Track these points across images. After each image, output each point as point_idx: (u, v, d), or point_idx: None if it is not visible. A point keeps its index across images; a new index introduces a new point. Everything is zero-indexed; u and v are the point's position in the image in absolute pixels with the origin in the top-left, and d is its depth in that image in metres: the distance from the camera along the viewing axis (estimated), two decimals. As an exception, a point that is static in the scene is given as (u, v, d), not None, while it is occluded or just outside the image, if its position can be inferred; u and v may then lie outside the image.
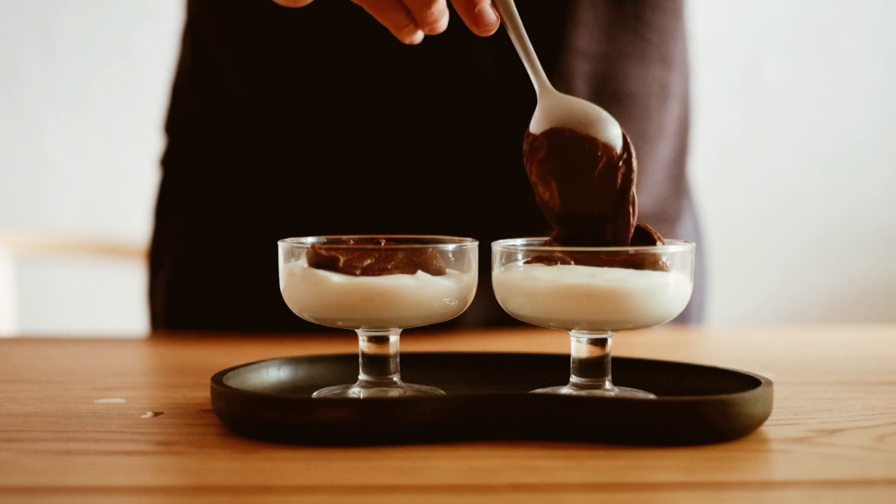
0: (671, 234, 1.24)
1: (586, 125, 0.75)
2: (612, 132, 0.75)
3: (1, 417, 0.74)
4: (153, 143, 1.33)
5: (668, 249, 0.73)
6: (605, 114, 0.75)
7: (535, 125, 0.77)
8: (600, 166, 0.75)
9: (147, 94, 2.40)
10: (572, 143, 0.75)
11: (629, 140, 0.75)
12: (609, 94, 1.15)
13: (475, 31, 0.78)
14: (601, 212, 0.75)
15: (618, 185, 0.75)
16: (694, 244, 0.75)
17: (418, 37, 0.82)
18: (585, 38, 1.13)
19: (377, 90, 1.15)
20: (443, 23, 0.80)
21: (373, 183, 1.16)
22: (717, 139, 2.61)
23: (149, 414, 0.75)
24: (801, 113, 2.64)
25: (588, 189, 0.75)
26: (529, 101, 1.17)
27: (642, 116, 1.18)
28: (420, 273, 0.74)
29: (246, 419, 0.69)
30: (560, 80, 1.13)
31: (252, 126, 1.19)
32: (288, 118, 1.17)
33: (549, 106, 0.77)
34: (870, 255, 2.67)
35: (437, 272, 0.75)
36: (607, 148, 0.75)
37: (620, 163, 0.75)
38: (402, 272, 0.74)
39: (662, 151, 1.21)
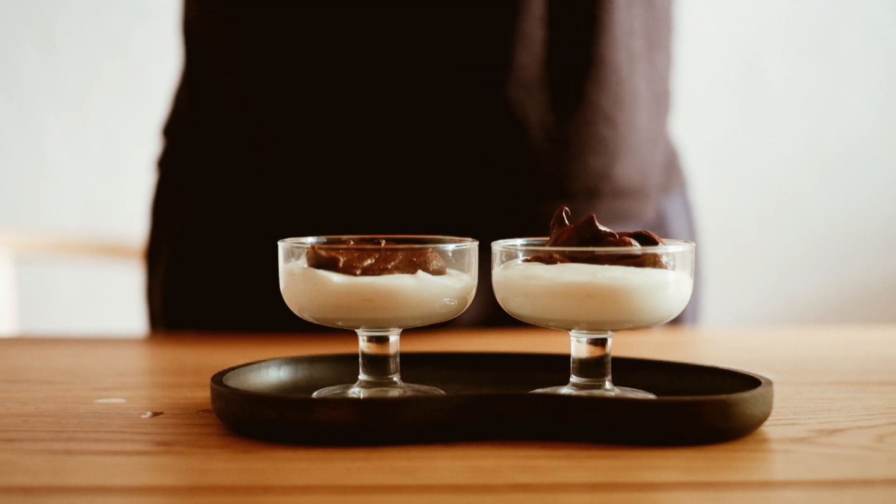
0: (648, 210, 1.23)
1: None
2: None
3: (1, 417, 0.74)
4: (153, 143, 1.33)
5: (668, 248, 0.73)
6: None
7: None
8: None
9: (147, 94, 2.40)
10: None
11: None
12: (576, 61, 1.15)
13: None
14: None
15: None
16: (694, 244, 0.75)
17: None
18: (541, 4, 1.12)
19: (372, 89, 1.15)
20: None
21: (371, 182, 1.16)
22: (716, 138, 2.60)
23: (148, 414, 0.75)
24: (800, 112, 2.64)
25: None
26: (528, 100, 1.17)
27: (615, 82, 1.16)
28: (420, 273, 0.74)
29: (246, 419, 0.69)
30: (519, 46, 1.12)
31: (250, 128, 1.19)
32: (284, 120, 1.17)
33: None
34: (870, 255, 2.67)
35: (437, 272, 0.75)
36: None
37: None
38: (402, 272, 0.74)
39: (642, 121, 1.20)
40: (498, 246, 0.76)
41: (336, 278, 0.73)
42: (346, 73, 1.14)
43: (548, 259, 0.74)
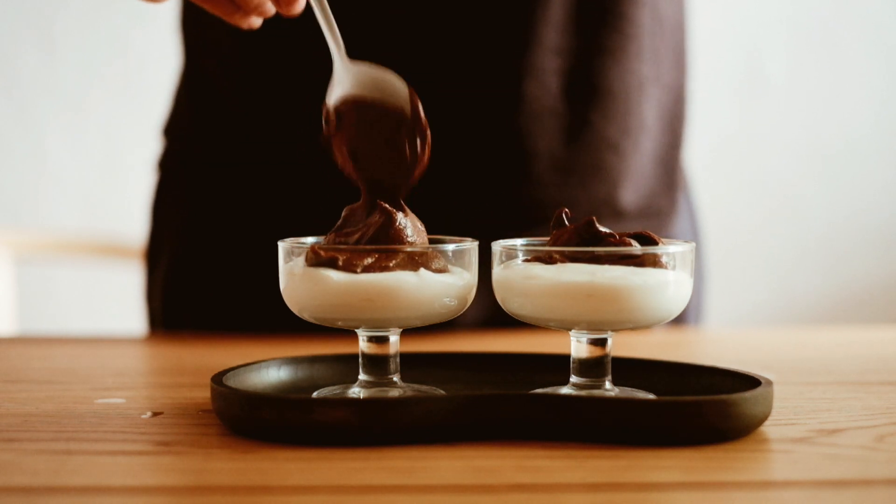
0: (664, 230, 1.23)
1: (376, 90, 0.74)
2: (401, 94, 0.74)
3: (1, 417, 0.74)
4: (153, 143, 1.33)
5: (668, 248, 0.73)
6: (392, 76, 0.75)
7: (329, 97, 0.77)
8: (391, 129, 0.74)
9: (147, 94, 2.39)
10: (362, 109, 0.75)
11: (416, 98, 0.74)
12: (585, 91, 1.15)
13: (282, 11, 0.80)
14: (398, 174, 0.75)
15: (412, 145, 0.74)
16: (694, 244, 0.75)
17: (255, 21, 0.85)
18: (555, 34, 1.13)
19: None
20: (268, 7, 0.81)
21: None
22: (716, 136, 2.60)
23: (148, 414, 0.75)
24: (800, 110, 2.64)
25: (382, 152, 0.75)
26: (537, 130, 1.17)
27: (623, 112, 1.17)
28: (422, 271, 0.74)
29: (246, 419, 0.69)
30: (531, 77, 1.12)
31: (249, 128, 1.19)
32: (282, 121, 1.17)
33: (340, 75, 0.77)
34: (870, 255, 2.67)
35: (438, 272, 0.75)
36: (395, 110, 0.74)
37: (411, 124, 0.74)
38: (404, 269, 0.74)
39: (647, 145, 1.20)
40: (498, 246, 0.76)
41: (336, 276, 0.73)
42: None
43: (548, 259, 0.74)
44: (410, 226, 0.76)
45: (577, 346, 0.75)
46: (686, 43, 1.26)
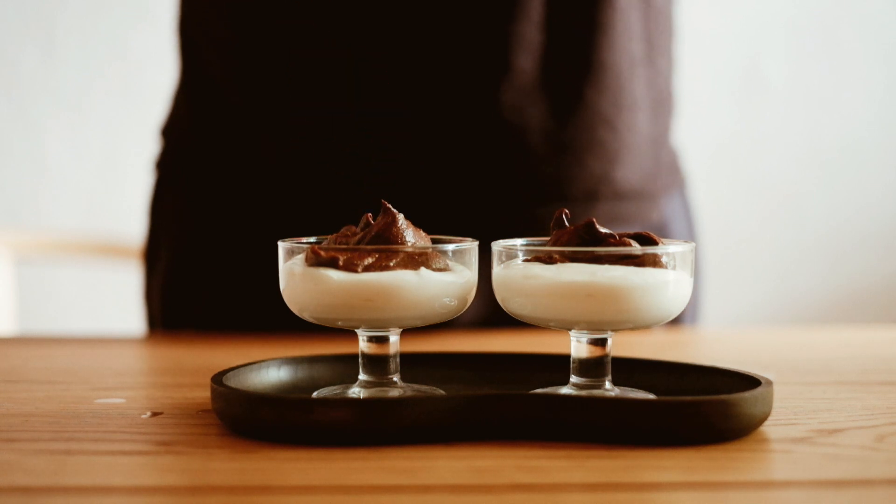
0: (652, 213, 1.23)
1: None
2: None
3: (1, 417, 0.74)
4: (153, 143, 1.33)
5: (668, 248, 0.73)
6: None
7: None
8: None
9: (147, 94, 2.40)
10: None
11: None
12: (577, 65, 1.15)
13: None
14: None
15: None
16: (694, 244, 0.75)
17: None
18: (540, 8, 1.12)
19: (369, 91, 1.15)
20: None
21: (370, 184, 1.16)
22: (715, 137, 2.60)
23: (148, 414, 0.75)
24: (800, 112, 2.64)
25: None
26: (527, 105, 1.17)
27: (616, 87, 1.16)
28: (423, 270, 0.74)
29: (246, 419, 0.69)
30: (518, 50, 1.12)
31: (248, 128, 1.19)
32: (282, 121, 1.17)
33: None
34: (870, 255, 2.67)
35: (438, 272, 0.75)
36: None
37: None
38: (405, 269, 0.73)
39: (642, 124, 1.20)
40: (498, 246, 0.76)
41: (336, 276, 0.73)
42: (344, 73, 1.14)
43: (548, 259, 0.74)
44: (412, 226, 0.76)
45: (577, 346, 0.75)
46: (674, 34, 1.26)
